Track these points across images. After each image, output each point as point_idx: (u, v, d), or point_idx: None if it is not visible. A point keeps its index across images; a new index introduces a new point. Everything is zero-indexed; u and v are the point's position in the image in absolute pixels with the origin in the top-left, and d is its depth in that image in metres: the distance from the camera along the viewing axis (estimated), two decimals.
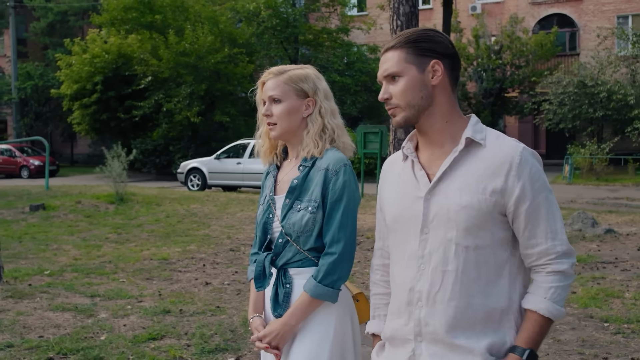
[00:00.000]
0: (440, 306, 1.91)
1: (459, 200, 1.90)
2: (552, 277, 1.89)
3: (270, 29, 29.33)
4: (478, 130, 1.94)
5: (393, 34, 9.35)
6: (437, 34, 1.99)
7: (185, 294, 6.76)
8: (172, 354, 4.81)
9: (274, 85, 2.42)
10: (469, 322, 1.90)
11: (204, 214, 13.43)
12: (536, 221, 1.89)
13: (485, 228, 1.89)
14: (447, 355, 1.90)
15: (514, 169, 1.86)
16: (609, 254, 8.87)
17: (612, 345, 5.09)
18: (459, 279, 1.90)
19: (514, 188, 1.86)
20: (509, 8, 31.13)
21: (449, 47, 1.97)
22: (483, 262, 1.90)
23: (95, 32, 29.07)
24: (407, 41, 1.97)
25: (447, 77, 1.96)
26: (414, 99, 1.95)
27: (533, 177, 1.87)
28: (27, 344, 4.97)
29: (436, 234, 1.93)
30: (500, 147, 1.90)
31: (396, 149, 9.40)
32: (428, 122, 1.97)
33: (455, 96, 2.00)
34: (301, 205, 2.37)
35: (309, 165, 2.41)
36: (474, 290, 1.90)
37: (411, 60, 1.96)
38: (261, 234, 2.46)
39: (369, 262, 8.52)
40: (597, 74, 24.99)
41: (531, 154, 1.91)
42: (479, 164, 1.90)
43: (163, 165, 27.91)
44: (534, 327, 1.88)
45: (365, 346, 2.62)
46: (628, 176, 23.04)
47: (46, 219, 12.48)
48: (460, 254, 1.90)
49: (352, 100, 29.01)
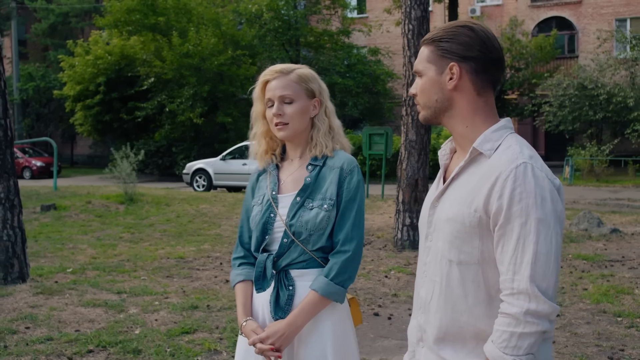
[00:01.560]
0: (431, 316, 1.88)
1: (447, 212, 1.84)
2: (500, 318, 1.71)
3: (272, 31, 29.55)
4: (489, 139, 1.82)
5: (405, 38, 9.57)
6: (468, 32, 1.83)
7: (208, 291, 6.95)
8: (206, 346, 5.00)
9: (284, 85, 2.40)
10: (457, 338, 1.83)
11: (213, 214, 13.62)
12: (505, 247, 1.71)
13: (470, 244, 1.78)
14: None
15: (498, 185, 1.71)
16: (615, 252, 9.10)
17: (627, 338, 5.30)
18: (443, 292, 1.84)
19: (492, 205, 1.72)
20: (508, 11, 31.40)
21: (474, 48, 1.81)
22: (470, 281, 1.79)
23: (97, 34, 29.26)
24: (432, 39, 1.88)
25: (469, 81, 1.83)
26: (429, 100, 1.89)
27: (514, 198, 1.68)
28: (66, 337, 5.16)
29: (435, 244, 1.89)
30: (499, 159, 1.76)
31: (407, 151, 9.62)
32: (449, 124, 1.90)
33: (484, 100, 1.86)
34: (314, 203, 2.37)
35: (320, 164, 2.42)
36: (460, 308, 1.81)
37: (432, 60, 1.87)
38: (259, 234, 2.42)
39: (382, 260, 8.73)
40: (596, 77, 25.27)
41: (529, 172, 1.71)
42: (475, 175, 1.80)
43: (166, 166, 28.10)
44: None
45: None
46: (628, 177, 23.31)
47: (58, 219, 12.65)
48: (444, 267, 1.83)
49: (354, 102, 29.23)
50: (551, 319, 1.68)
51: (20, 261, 7.10)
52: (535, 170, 1.71)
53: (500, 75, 1.87)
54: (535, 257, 1.66)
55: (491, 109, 1.87)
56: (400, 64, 31.66)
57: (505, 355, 1.67)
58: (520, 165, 1.70)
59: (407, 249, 9.43)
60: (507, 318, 1.68)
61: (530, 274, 1.66)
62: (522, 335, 1.65)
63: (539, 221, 1.67)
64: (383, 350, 5.10)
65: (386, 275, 7.81)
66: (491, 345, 1.70)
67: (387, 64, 31.89)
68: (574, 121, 25.37)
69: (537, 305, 1.65)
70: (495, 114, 1.89)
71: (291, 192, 2.43)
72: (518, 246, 1.67)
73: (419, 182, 9.62)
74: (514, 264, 1.68)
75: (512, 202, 1.68)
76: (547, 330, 1.68)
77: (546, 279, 1.67)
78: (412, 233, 9.51)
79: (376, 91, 30.83)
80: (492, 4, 32.18)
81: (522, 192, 1.68)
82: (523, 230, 1.67)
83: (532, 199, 1.67)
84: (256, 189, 2.54)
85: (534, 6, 31.12)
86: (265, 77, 2.44)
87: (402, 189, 9.67)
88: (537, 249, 1.66)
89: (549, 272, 1.67)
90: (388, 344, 5.28)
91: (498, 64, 1.84)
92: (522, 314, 1.65)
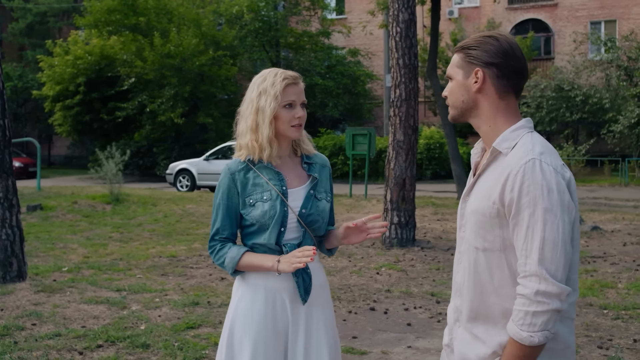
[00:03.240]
0: (464, 298, 2.09)
1: (472, 205, 2.06)
2: (517, 299, 1.91)
3: (253, 32, 29.65)
4: (507, 138, 2.01)
5: (392, 40, 9.78)
6: (493, 42, 2.04)
7: (206, 288, 7.10)
8: (212, 340, 5.16)
9: (303, 90, 2.63)
10: (487, 317, 2.03)
11: (200, 213, 13.72)
12: (518, 235, 1.91)
13: (492, 233, 1.98)
14: (470, 343, 2.08)
15: (510, 179, 1.91)
16: (597, 249, 9.40)
17: (614, 329, 5.57)
18: (472, 276, 2.05)
19: (506, 197, 1.92)
20: (486, 13, 31.82)
21: (497, 56, 2.01)
22: (495, 265, 1.99)
23: (76, 34, 29.13)
24: (462, 47, 2.10)
25: (491, 84, 2.03)
26: (456, 100, 2.11)
27: (523, 191, 1.88)
28: (73, 333, 5.29)
29: (465, 234, 2.11)
30: (513, 156, 1.96)
31: (395, 150, 9.84)
32: (475, 123, 2.11)
33: (506, 103, 2.04)
34: (320, 195, 2.65)
35: (311, 162, 2.70)
36: (488, 290, 2.01)
37: (460, 65, 2.09)
38: (277, 227, 2.54)
39: (372, 258, 8.93)
40: (572, 78, 25.78)
41: (537, 167, 1.90)
42: (495, 171, 2.00)
43: (147, 167, 28.08)
44: (509, 345, 1.95)
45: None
46: (604, 177, 23.83)
47: (45, 219, 12.67)
48: (472, 254, 2.05)
49: (334, 103, 29.45)
50: (562, 299, 1.87)
51: (19, 260, 7.19)
52: (543, 164, 1.90)
53: (522, 81, 2.07)
54: (543, 242, 1.86)
55: (513, 111, 2.07)
56: (379, 65, 31.99)
57: (521, 332, 1.88)
58: (529, 161, 1.90)
59: (396, 246, 9.64)
60: (521, 298, 1.89)
61: (538, 257, 1.86)
62: (535, 313, 1.86)
63: (545, 210, 1.86)
64: (383, 343, 5.29)
65: (377, 272, 8.01)
66: (511, 323, 1.92)
67: (367, 65, 32.16)
68: (551, 122, 25.84)
69: (546, 286, 1.85)
70: (517, 115, 2.08)
71: (297, 186, 2.63)
72: (528, 234, 1.88)
73: (406, 181, 9.84)
74: (525, 249, 1.89)
75: (522, 194, 1.88)
76: (559, 308, 1.86)
77: (554, 263, 1.86)
78: (400, 231, 9.72)
79: (356, 92, 31.08)
80: (470, 5, 32.58)
81: (529, 185, 1.88)
82: (531, 219, 1.88)
83: (539, 190, 1.87)
84: (242, 187, 2.59)
85: (511, 8, 31.58)
86: (289, 81, 2.58)
87: (390, 188, 9.88)
88: (544, 235, 1.86)
89: (556, 256, 1.87)
90: (387, 336, 5.48)
91: (519, 71, 2.05)
92: (533, 294, 1.86)
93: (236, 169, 2.61)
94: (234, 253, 2.58)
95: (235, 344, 2.57)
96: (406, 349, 5.16)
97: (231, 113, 21.03)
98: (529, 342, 1.88)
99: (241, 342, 2.56)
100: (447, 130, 16.43)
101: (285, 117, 2.57)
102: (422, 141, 24.83)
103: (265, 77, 2.61)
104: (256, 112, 2.58)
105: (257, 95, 2.59)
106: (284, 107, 2.56)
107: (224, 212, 2.61)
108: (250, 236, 2.62)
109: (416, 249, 9.59)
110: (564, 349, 2.01)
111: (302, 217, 2.58)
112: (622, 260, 8.63)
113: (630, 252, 9.13)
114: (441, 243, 10.06)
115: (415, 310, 6.24)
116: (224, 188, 2.61)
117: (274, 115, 2.55)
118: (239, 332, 2.57)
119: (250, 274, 2.62)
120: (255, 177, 2.59)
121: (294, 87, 2.59)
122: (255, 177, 2.59)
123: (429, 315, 6.08)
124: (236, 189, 2.59)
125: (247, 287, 2.62)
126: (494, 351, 2.01)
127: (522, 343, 1.89)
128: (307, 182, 2.65)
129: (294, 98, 2.57)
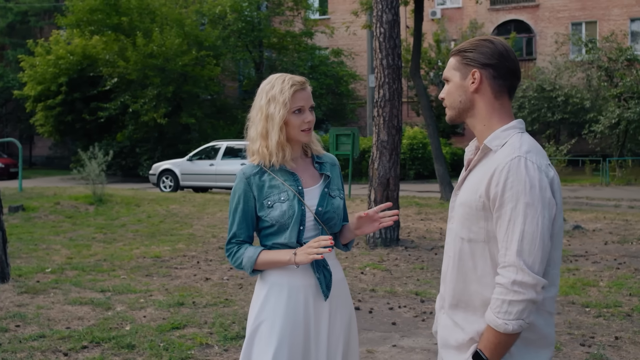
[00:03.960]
0: (448, 285, 2.22)
1: (461, 197, 2.18)
2: (496, 288, 2.00)
3: (236, 32, 29.61)
4: (498, 137, 2.11)
5: (376, 41, 9.82)
6: (489, 44, 2.15)
7: (191, 289, 7.09)
8: (198, 340, 5.16)
9: (311, 94, 2.71)
10: (467, 305, 2.14)
11: (184, 214, 13.69)
12: (500, 227, 2.01)
13: (477, 224, 2.08)
14: (451, 329, 2.20)
15: (496, 175, 2.01)
16: (579, 248, 9.50)
17: (596, 326, 5.63)
18: (456, 264, 2.16)
19: (491, 192, 2.02)
20: (468, 13, 31.99)
21: (493, 57, 2.13)
22: (478, 255, 2.09)
23: (58, 33, 28.90)
24: (458, 50, 2.22)
25: (488, 85, 2.14)
26: (454, 101, 2.21)
27: (507, 186, 1.98)
28: (58, 334, 5.26)
29: (453, 225, 2.23)
30: (501, 153, 2.06)
31: (379, 151, 9.88)
32: (471, 123, 2.22)
33: (501, 102, 2.15)
34: (334, 193, 2.73)
35: (323, 162, 2.77)
36: (470, 278, 2.12)
37: (457, 68, 2.20)
38: (297, 226, 2.61)
39: (356, 257, 8.96)
40: (554, 79, 26.01)
41: (521, 164, 1.99)
42: (484, 167, 2.10)
43: (129, 167, 27.93)
44: (486, 332, 2.05)
45: None
46: (585, 177, 24.06)
47: (27, 220, 12.58)
48: (457, 244, 2.16)
49: (317, 103, 29.44)
50: (537, 290, 1.96)
51: (2, 261, 7.14)
52: (528, 162, 2.00)
53: (516, 82, 2.18)
54: (522, 235, 1.96)
55: (507, 111, 2.18)
56: (362, 65, 32.05)
57: (497, 319, 1.98)
58: (515, 158, 2.00)
59: (380, 246, 9.68)
60: (499, 287, 1.99)
61: (517, 249, 1.96)
62: (511, 302, 1.96)
63: (526, 205, 1.96)
64: (368, 342, 5.32)
65: (362, 272, 8.04)
66: (489, 311, 2.02)
67: (350, 66, 32.22)
68: (533, 122, 26.06)
69: (522, 277, 1.95)
70: (510, 115, 2.19)
71: (312, 185, 2.71)
72: (509, 226, 1.98)
73: (390, 181, 9.88)
74: (506, 241, 1.99)
75: (505, 189, 1.99)
76: (534, 299, 1.96)
77: (532, 255, 1.96)
78: (384, 231, 9.75)
79: (339, 92, 31.14)
80: (453, 6, 32.74)
81: (513, 181, 1.98)
82: (513, 213, 1.98)
83: (522, 186, 1.97)
84: (259, 190, 2.65)
85: (493, 9, 31.79)
86: (297, 87, 2.64)
87: (374, 188, 9.92)
88: (524, 228, 1.96)
89: (534, 249, 1.96)
90: (372, 335, 5.51)
91: (514, 72, 2.17)
92: (510, 283, 1.96)
93: (251, 173, 2.67)
94: (250, 252, 2.65)
95: (262, 343, 2.61)
96: (391, 347, 5.19)
97: (214, 113, 20.93)
98: (503, 330, 1.98)
99: (267, 340, 2.60)
100: (430, 131, 16.50)
101: (295, 123, 2.63)
102: (406, 141, 24.92)
103: (273, 84, 2.66)
104: (266, 119, 2.64)
105: (267, 103, 2.65)
106: (293, 112, 2.63)
107: (240, 215, 2.67)
108: (270, 237, 2.68)
109: (400, 248, 9.63)
110: (539, 339, 2.10)
111: (319, 215, 2.66)
112: (604, 258, 8.73)
113: (612, 251, 9.24)
114: (425, 242, 10.12)
115: (400, 310, 6.28)
116: (240, 192, 2.67)
117: (283, 121, 2.62)
118: (266, 330, 2.61)
119: (273, 274, 2.66)
120: (270, 180, 2.66)
121: (302, 92, 2.65)
122: (271, 179, 2.66)
123: (413, 314, 6.12)
124: (252, 193, 2.66)
125: (271, 286, 2.66)
126: (471, 337, 2.12)
127: (497, 330, 1.99)
128: (320, 181, 2.73)
129: (302, 103, 2.64)
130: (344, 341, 2.70)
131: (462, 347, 2.15)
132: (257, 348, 2.61)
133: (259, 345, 2.61)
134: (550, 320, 2.13)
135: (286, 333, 2.59)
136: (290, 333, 2.60)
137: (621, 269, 8.06)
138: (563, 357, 4.90)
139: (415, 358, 4.95)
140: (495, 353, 2.03)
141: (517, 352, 2.07)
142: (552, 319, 2.14)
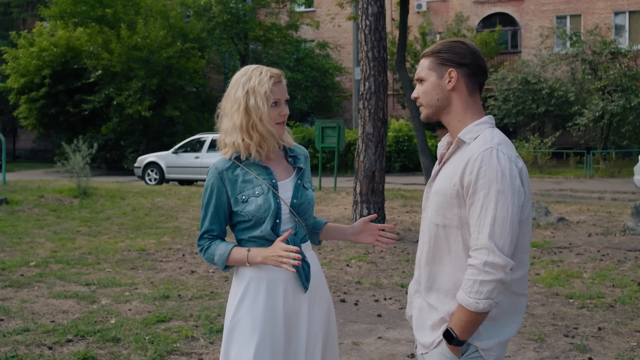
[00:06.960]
0: (423, 269, 2.34)
1: (435, 187, 2.30)
2: (468, 269, 2.14)
3: (221, 24, 29.48)
4: (471, 131, 2.25)
5: (362, 33, 9.82)
6: (461, 45, 2.31)
7: (176, 282, 7.07)
8: (183, 333, 5.15)
9: (285, 87, 2.68)
10: (440, 287, 2.27)
11: (169, 207, 13.64)
12: (473, 213, 2.14)
13: (451, 211, 2.22)
14: (427, 311, 2.33)
15: (469, 164, 2.15)
16: (563, 240, 9.57)
17: (579, 317, 5.68)
18: (431, 249, 2.29)
19: (465, 180, 2.15)
20: (454, 6, 32.03)
21: (467, 57, 2.28)
22: (453, 239, 2.23)
23: (41, 25, 28.63)
24: (432, 51, 2.34)
25: (463, 83, 2.29)
26: (432, 99, 2.32)
27: (480, 174, 2.12)
28: (42, 328, 5.23)
29: (427, 214, 2.35)
30: (474, 145, 2.20)
31: (365, 143, 9.89)
32: (446, 120, 2.34)
33: (474, 99, 2.31)
34: (306, 185, 2.74)
35: (294, 154, 2.76)
36: (444, 260, 2.26)
37: (433, 68, 2.32)
38: (274, 219, 2.59)
39: (341, 250, 8.98)
40: (539, 72, 26.12)
41: (493, 155, 2.14)
42: (458, 158, 2.24)
43: (114, 160, 27.78)
44: (457, 311, 2.18)
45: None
46: (569, 169, 24.22)
47: (11, 214, 12.48)
48: (432, 230, 2.29)
49: (303, 96, 29.44)
50: (506, 271, 2.10)
51: None
52: (499, 153, 2.15)
53: (485, 80, 2.34)
54: (494, 220, 2.11)
55: (478, 107, 2.34)
56: (347, 58, 32.02)
57: (469, 298, 2.12)
58: (488, 149, 2.16)
59: None
60: (471, 269, 2.13)
61: (489, 232, 2.10)
62: (482, 282, 2.10)
63: (498, 192, 2.11)
64: (354, 334, 5.34)
65: (347, 264, 8.06)
66: (460, 291, 2.16)
67: (335, 58, 32.19)
68: (518, 115, 26.18)
69: (493, 258, 2.09)
70: (482, 111, 2.35)
71: (285, 178, 2.69)
72: (482, 212, 2.12)
73: (376, 173, 9.90)
74: (478, 225, 2.13)
75: (478, 177, 2.13)
76: (503, 279, 2.10)
77: (502, 238, 2.11)
78: None
79: (324, 85, 31.12)
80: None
81: (486, 170, 2.13)
82: (486, 199, 2.12)
83: (494, 175, 2.12)
84: (232, 185, 2.62)
85: (478, 2, 31.85)
86: (275, 79, 2.62)
87: (359, 180, 9.93)
88: (496, 213, 2.11)
89: (504, 233, 2.11)
90: (358, 327, 5.52)
91: (484, 70, 2.34)
92: (482, 264, 2.10)
93: (223, 167, 2.63)
94: (222, 250, 2.63)
95: (242, 339, 2.58)
96: (377, 339, 5.21)
97: (199, 106, 20.84)
98: (474, 308, 2.11)
99: (248, 336, 2.57)
100: (415, 123, 16.51)
101: (272, 115, 2.61)
102: (391, 134, 24.95)
103: (250, 75, 2.61)
104: (245, 111, 2.58)
105: (244, 94, 2.59)
106: (272, 106, 2.61)
107: (212, 211, 2.64)
108: (246, 231, 2.65)
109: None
110: (504, 316, 2.24)
111: (294, 207, 2.65)
112: (587, 250, 8.80)
113: (595, 243, 9.32)
114: (410, 235, 10.15)
115: (386, 302, 6.30)
116: (212, 187, 2.64)
117: (268, 116, 2.59)
118: (245, 326, 2.58)
119: (250, 267, 2.64)
120: (244, 174, 2.63)
121: (279, 85, 2.63)
122: (245, 173, 2.63)
123: (399, 306, 6.14)
124: (224, 188, 2.62)
125: (249, 280, 2.64)
126: (441, 317, 2.26)
127: (468, 309, 2.12)
128: (293, 174, 2.72)
129: (279, 96, 2.62)
130: (323, 332, 2.72)
131: (435, 327, 2.28)
132: (237, 345, 2.58)
133: (239, 341, 2.58)
134: (514, 299, 2.26)
135: (268, 328, 2.58)
136: (271, 328, 2.58)
137: (604, 260, 8.14)
138: (547, 347, 4.94)
139: (400, 349, 4.97)
140: (465, 331, 2.16)
141: (483, 330, 2.21)
142: (517, 299, 2.27)
